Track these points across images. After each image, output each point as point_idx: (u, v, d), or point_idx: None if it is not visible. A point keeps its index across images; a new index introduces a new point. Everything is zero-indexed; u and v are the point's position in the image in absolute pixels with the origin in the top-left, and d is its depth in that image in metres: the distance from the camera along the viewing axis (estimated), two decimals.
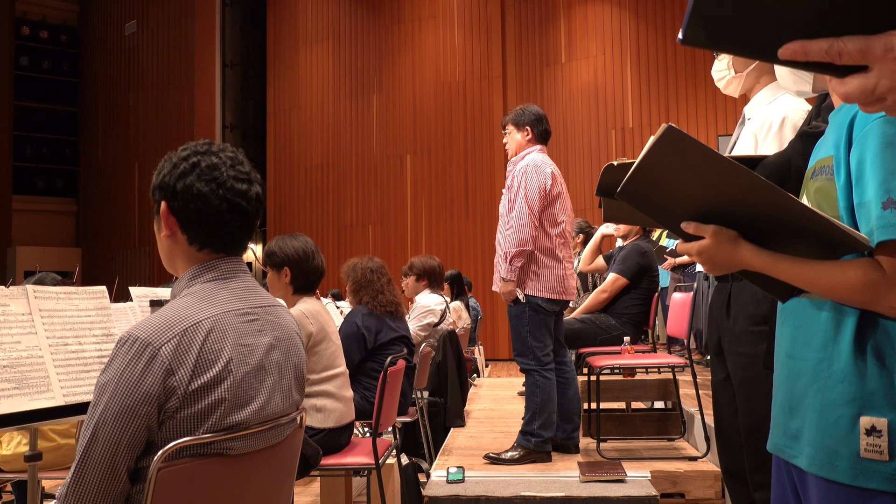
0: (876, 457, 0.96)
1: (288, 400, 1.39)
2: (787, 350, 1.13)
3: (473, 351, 7.75)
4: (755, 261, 1.02)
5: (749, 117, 2.15)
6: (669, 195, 1.02)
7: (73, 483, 1.15)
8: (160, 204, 1.34)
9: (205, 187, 1.31)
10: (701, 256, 1.06)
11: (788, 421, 1.11)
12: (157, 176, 1.35)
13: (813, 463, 1.04)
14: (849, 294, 0.96)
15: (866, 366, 0.99)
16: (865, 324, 1.00)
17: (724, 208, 1.00)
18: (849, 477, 0.98)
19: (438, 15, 12.03)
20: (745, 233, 1.03)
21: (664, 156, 0.94)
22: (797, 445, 1.08)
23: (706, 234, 1.03)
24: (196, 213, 1.31)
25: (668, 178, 0.98)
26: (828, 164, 1.05)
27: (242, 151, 1.42)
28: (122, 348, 1.18)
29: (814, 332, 1.06)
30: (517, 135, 3.44)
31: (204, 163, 1.32)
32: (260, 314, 1.36)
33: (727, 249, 1.03)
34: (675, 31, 10.61)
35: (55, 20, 15.93)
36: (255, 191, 1.37)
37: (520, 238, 3.21)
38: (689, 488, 3.10)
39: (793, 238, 0.99)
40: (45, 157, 15.97)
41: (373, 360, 3.46)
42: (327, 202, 12.61)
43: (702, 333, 5.43)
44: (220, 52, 13.65)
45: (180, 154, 1.35)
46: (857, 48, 0.65)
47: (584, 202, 10.76)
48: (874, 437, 0.96)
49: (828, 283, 0.98)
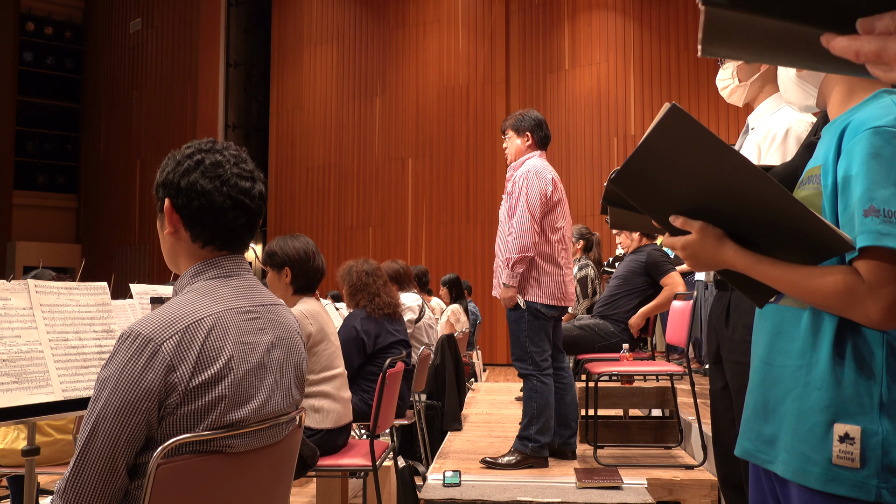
0: (847, 464, 0.98)
1: (288, 399, 1.39)
2: (763, 356, 1.14)
3: (471, 355, 7.75)
4: (737, 260, 1.03)
5: (752, 127, 2.16)
6: (662, 186, 1.02)
7: (72, 477, 1.15)
8: (163, 201, 1.34)
9: (209, 184, 1.31)
10: (685, 251, 1.07)
11: (762, 426, 1.12)
12: (161, 173, 1.36)
13: (787, 468, 1.05)
14: (826, 299, 0.97)
15: (843, 373, 1.00)
16: (844, 331, 1.01)
17: (713, 204, 1.00)
18: (821, 483, 0.99)
19: (443, 19, 12.06)
20: (730, 233, 1.04)
21: (667, 136, 0.93)
22: (772, 451, 1.09)
23: (693, 229, 1.04)
24: (199, 210, 1.32)
25: (664, 165, 0.98)
26: (816, 174, 1.07)
27: (246, 150, 1.42)
28: (123, 344, 1.18)
29: (793, 339, 1.08)
30: (517, 140, 3.44)
31: (208, 160, 1.33)
32: (262, 312, 1.36)
33: (711, 247, 1.04)
34: (678, 40, 10.63)
35: (60, 17, 15.96)
36: (258, 189, 1.38)
37: (522, 244, 3.22)
38: (686, 496, 3.10)
39: (777, 239, 0.99)
40: (47, 152, 15.98)
41: (372, 363, 3.46)
42: (328, 203, 12.62)
43: (701, 342, 5.44)
44: (224, 51, 13.67)
45: (184, 152, 1.35)
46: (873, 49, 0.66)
47: (585, 209, 10.77)
48: (847, 444, 0.98)
49: (807, 288, 0.98)
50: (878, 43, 0.66)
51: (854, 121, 1.02)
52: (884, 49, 0.65)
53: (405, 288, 4.77)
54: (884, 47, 0.65)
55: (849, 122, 1.03)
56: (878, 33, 0.66)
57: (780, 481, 1.10)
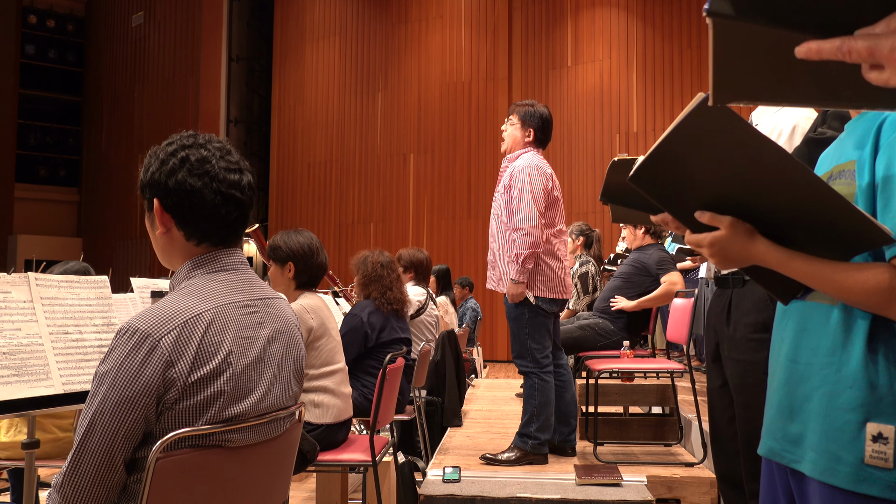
0: (880, 464, 0.96)
1: (287, 392, 1.39)
2: (789, 354, 1.11)
3: (472, 351, 7.76)
4: (770, 256, 1.00)
5: (757, 123, 2.15)
6: (686, 180, 0.99)
7: (69, 472, 1.15)
8: (152, 202, 1.32)
9: (197, 182, 1.29)
10: (712, 248, 1.02)
11: (788, 425, 1.10)
12: (146, 173, 1.33)
13: (815, 468, 1.03)
14: (863, 296, 0.95)
15: (877, 372, 0.98)
16: (879, 329, 0.98)
17: (742, 198, 0.97)
18: (851, 483, 0.97)
19: (446, 15, 12.03)
20: (759, 228, 1.00)
21: (698, 125, 0.89)
22: (798, 450, 1.07)
23: (722, 224, 1.00)
24: (191, 209, 1.30)
25: (688, 159, 0.95)
26: (848, 169, 1.03)
27: (229, 140, 1.39)
28: (121, 339, 1.17)
29: (821, 336, 1.05)
30: (519, 131, 3.41)
31: (193, 157, 1.30)
32: (260, 306, 1.35)
33: (742, 243, 1.00)
34: (681, 37, 10.61)
35: (62, 9, 15.94)
36: (247, 179, 1.36)
37: (532, 241, 3.20)
38: (685, 494, 3.10)
39: (808, 233, 0.96)
40: (49, 146, 15.98)
41: (373, 357, 3.46)
42: (329, 198, 12.61)
43: (701, 340, 5.43)
44: (226, 46, 13.65)
45: (167, 149, 1.32)
46: (866, 47, 0.65)
47: (586, 205, 10.76)
48: (880, 444, 0.96)
49: (843, 284, 0.96)
50: (870, 39, 0.65)
51: (893, 115, 0.99)
52: (876, 46, 0.65)
53: (419, 281, 4.75)
54: (876, 44, 0.65)
55: (887, 116, 0.99)
56: (873, 35, 0.65)
57: (798, 480, 1.08)
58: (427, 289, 4.79)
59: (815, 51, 0.67)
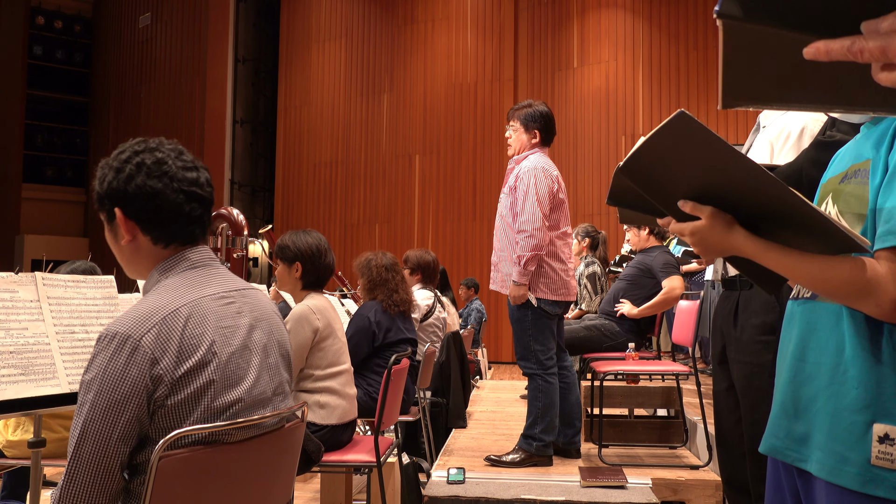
0: (887, 465, 0.95)
1: (277, 378, 1.39)
2: (796, 353, 1.11)
3: (477, 353, 7.76)
4: (747, 247, 1.01)
5: (764, 125, 2.14)
6: (670, 175, 1.01)
7: (66, 483, 1.14)
8: (112, 212, 1.32)
9: (157, 183, 1.29)
10: (693, 237, 1.04)
11: (793, 424, 1.10)
12: (102, 184, 1.32)
13: (822, 468, 1.02)
14: (839, 287, 0.95)
15: (884, 372, 0.97)
16: (886, 330, 0.98)
17: (723, 194, 0.99)
18: (857, 483, 0.97)
19: (451, 16, 12.04)
20: (741, 220, 1.02)
21: (671, 140, 0.92)
22: (804, 449, 1.07)
23: (703, 214, 1.02)
24: (155, 211, 1.30)
25: (672, 158, 0.97)
26: (863, 168, 1.04)
27: (177, 141, 1.39)
28: (102, 344, 1.17)
29: (830, 336, 1.05)
30: (524, 135, 3.42)
31: (149, 160, 1.30)
32: (236, 297, 1.35)
33: (721, 232, 1.02)
34: (687, 39, 10.59)
35: (70, 10, 16.00)
36: (205, 176, 1.36)
37: (535, 243, 3.20)
38: (690, 497, 3.09)
39: (790, 232, 0.98)
40: (56, 146, 16.03)
41: (378, 356, 3.47)
42: (335, 199, 12.62)
43: (708, 342, 5.41)
44: (232, 46, 13.68)
45: (119, 157, 1.32)
46: (878, 46, 0.65)
47: (592, 207, 10.74)
48: (887, 444, 0.95)
49: (821, 276, 0.96)
50: (882, 39, 0.64)
51: None
52: (889, 45, 0.64)
53: (426, 283, 4.74)
54: (889, 43, 0.64)
55: None
56: (882, 33, 0.64)
57: (805, 480, 1.08)
58: (434, 291, 4.78)
59: (823, 51, 0.66)
